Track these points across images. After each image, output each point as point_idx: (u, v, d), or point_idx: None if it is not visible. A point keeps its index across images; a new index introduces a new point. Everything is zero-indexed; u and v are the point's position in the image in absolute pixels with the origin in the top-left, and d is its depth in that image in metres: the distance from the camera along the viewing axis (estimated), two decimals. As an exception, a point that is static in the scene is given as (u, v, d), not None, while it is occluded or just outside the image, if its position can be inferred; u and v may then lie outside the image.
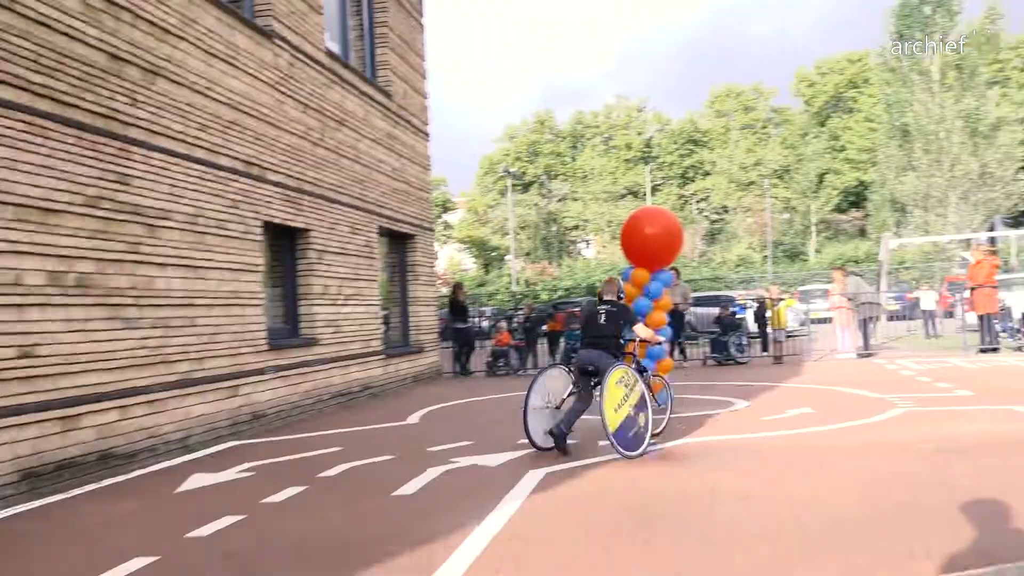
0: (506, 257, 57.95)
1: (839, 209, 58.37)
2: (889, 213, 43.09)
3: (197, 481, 6.27)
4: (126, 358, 6.90)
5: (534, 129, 68.73)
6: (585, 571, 3.88)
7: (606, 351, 6.76)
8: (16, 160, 5.86)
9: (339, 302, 11.10)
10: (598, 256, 58.70)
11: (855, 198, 57.88)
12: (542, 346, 16.92)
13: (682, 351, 15.60)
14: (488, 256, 65.51)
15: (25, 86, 5.97)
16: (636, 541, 4.28)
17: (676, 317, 13.21)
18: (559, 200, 65.83)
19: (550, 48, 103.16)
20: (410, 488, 5.68)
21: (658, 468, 6.20)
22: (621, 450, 6.27)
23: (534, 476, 5.86)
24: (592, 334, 6.92)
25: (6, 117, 5.79)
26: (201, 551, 4.41)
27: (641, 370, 7.03)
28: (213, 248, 8.18)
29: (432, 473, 6.14)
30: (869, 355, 15.10)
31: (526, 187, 66.36)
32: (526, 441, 6.82)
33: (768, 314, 16.02)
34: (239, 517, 5.00)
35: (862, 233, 54.46)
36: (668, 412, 7.69)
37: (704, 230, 59.49)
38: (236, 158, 8.69)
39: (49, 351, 6.10)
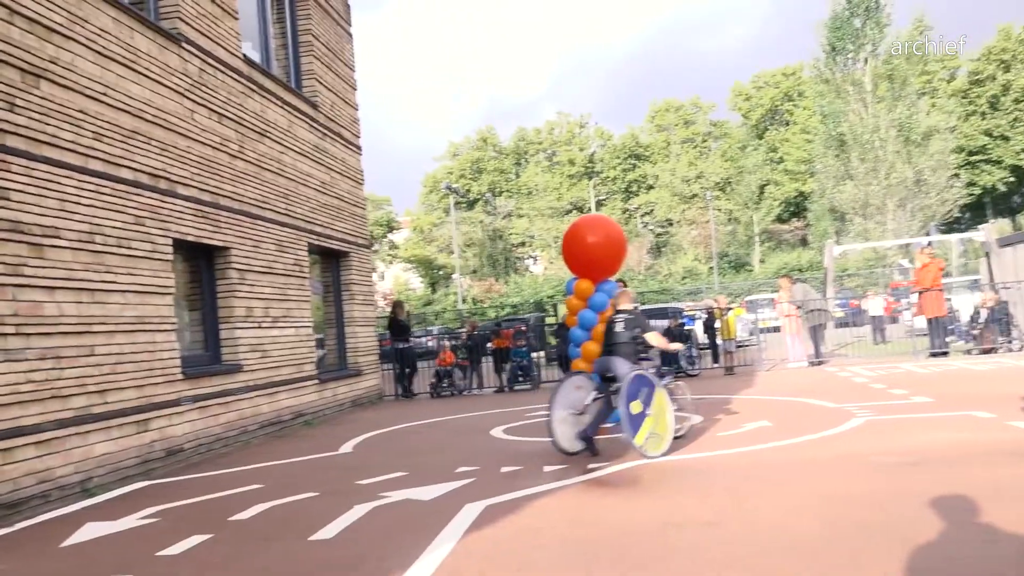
0: (453, 276, 57.24)
1: (780, 219, 59.22)
2: (829, 222, 43.69)
3: (90, 532, 5.49)
4: (8, 394, 6.07)
5: (477, 147, 68.33)
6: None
7: (624, 357, 6.95)
8: None
9: (265, 325, 10.34)
10: (545, 272, 58.38)
11: (795, 208, 58.86)
12: (488, 364, 16.27)
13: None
14: (435, 275, 64.75)
15: None
16: (584, 587, 3.70)
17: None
18: (504, 217, 65.44)
19: (491, 67, 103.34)
20: (332, 530, 5.02)
21: (609, 494, 5.66)
22: (643, 452, 6.50)
23: (472, 510, 5.25)
24: (610, 341, 7.12)
25: None
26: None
27: (661, 375, 7.24)
28: (114, 269, 7.39)
29: (359, 511, 5.49)
30: (820, 363, 14.86)
31: (471, 205, 65.86)
32: (466, 469, 6.50)
33: (717, 324, 15.69)
34: (123, 577, 4.28)
35: (803, 242, 55.28)
36: (692, 417, 7.82)
37: (650, 243, 59.73)
38: (140, 170, 7.92)
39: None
